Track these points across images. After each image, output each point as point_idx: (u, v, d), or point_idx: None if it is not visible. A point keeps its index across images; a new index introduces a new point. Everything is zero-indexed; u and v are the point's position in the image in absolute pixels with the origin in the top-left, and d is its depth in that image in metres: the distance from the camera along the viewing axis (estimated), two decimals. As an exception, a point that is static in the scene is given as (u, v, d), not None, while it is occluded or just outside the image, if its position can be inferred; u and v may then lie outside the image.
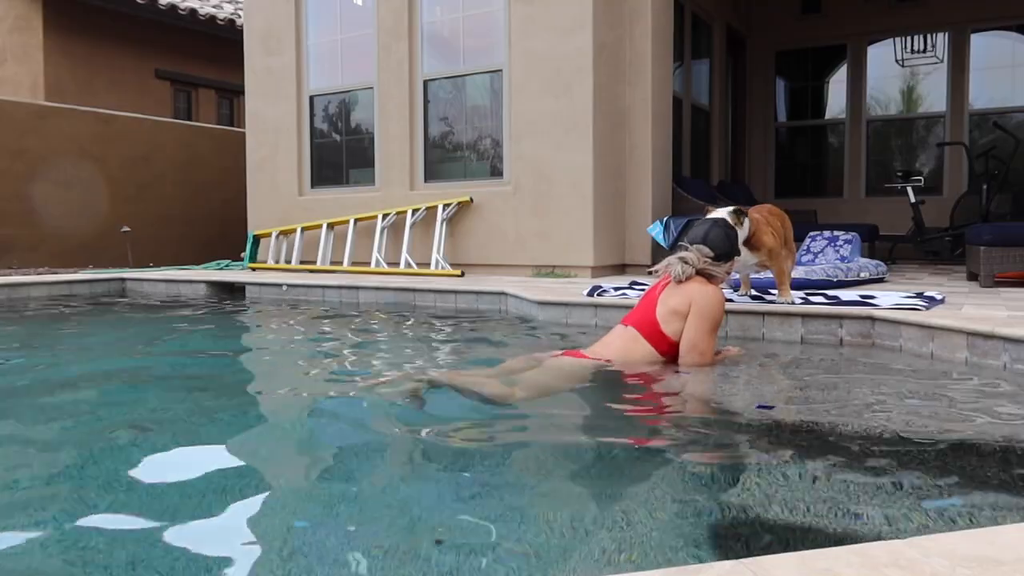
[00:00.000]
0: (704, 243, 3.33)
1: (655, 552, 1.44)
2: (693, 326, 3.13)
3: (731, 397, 2.75)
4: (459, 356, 3.89)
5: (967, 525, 1.54)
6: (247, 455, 2.22)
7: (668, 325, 3.15)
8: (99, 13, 11.59)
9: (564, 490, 1.86)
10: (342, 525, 1.63)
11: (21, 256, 8.62)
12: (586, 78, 6.68)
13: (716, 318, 3.18)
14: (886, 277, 6.05)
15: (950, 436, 2.21)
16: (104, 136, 9.57)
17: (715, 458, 2.10)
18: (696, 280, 3.25)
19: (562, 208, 6.82)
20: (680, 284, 3.23)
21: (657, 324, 3.16)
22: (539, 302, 4.73)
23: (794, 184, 10.80)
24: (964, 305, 4.10)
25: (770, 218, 4.12)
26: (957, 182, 9.62)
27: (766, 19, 10.61)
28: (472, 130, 7.65)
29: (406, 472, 2.03)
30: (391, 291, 5.87)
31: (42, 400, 2.87)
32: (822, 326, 3.85)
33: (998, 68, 9.62)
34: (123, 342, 4.44)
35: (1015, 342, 3.02)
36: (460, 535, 1.54)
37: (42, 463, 2.07)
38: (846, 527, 1.53)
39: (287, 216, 8.40)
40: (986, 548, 1.12)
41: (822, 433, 2.25)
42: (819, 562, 1.08)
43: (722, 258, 3.34)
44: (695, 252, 3.30)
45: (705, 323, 3.13)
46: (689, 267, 3.24)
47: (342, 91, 8.33)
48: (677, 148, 7.95)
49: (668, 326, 3.15)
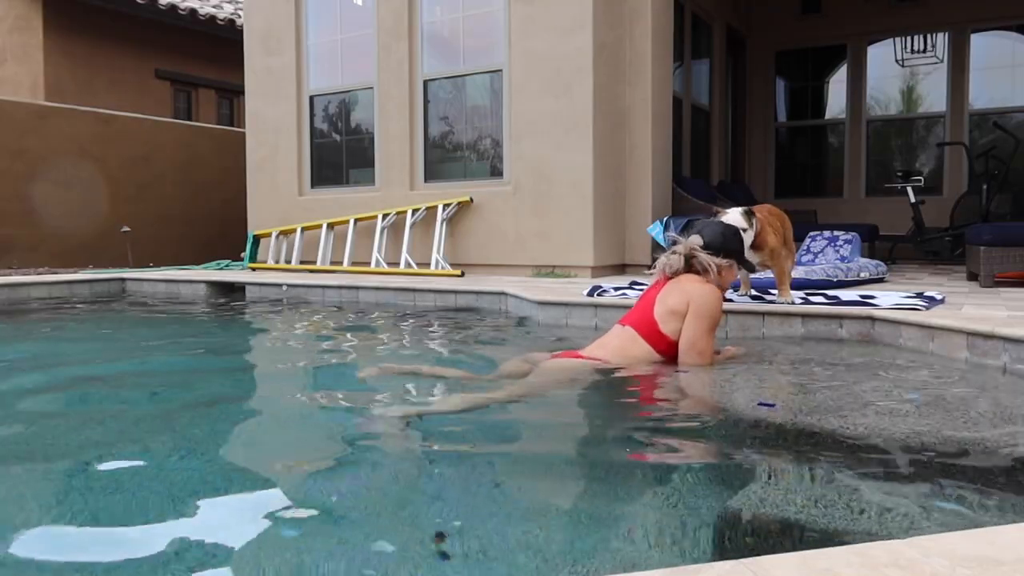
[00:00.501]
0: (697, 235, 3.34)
1: (655, 552, 1.44)
2: (692, 325, 3.12)
3: (732, 396, 2.75)
4: (458, 356, 3.89)
5: (967, 525, 1.54)
6: (245, 456, 2.22)
7: (666, 324, 3.14)
8: (99, 13, 11.59)
9: (564, 491, 1.86)
10: (341, 526, 1.63)
11: (21, 256, 8.62)
12: (586, 78, 6.68)
13: (715, 317, 3.17)
14: (886, 277, 6.05)
15: (950, 436, 2.21)
16: (104, 136, 9.57)
17: (715, 457, 2.10)
18: (693, 279, 3.23)
19: (562, 208, 6.82)
20: (677, 282, 3.21)
21: (655, 323, 3.15)
22: (539, 302, 4.73)
23: (794, 184, 10.80)
24: (964, 305, 4.10)
25: (770, 218, 4.12)
26: (957, 182, 9.62)
27: (766, 19, 10.61)
28: (472, 130, 7.65)
29: (405, 476, 2.03)
30: (391, 291, 5.87)
31: (25, 401, 2.87)
32: (822, 326, 3.85)
33: (998, 68, 9.62)
34: (123, 342, 4.44)
35: (1015, 342, 3.02)
36: (461, 536, 1.54)
37: (24, 467, 2.07)
38: (846, 527, 1.53)
39: (287, 216, 8.40)
40: (986, 548, 1.12)
41: (822, 432, 2.25)
42: (819, 562, 1.08)
43: (712, 249, 3.30)
44: (684, 244, 3.28)
45: (704, 322, 3.13)
46: (677, 256, 3.22)
47: (342, 91, 8.33)
48: (677, 148, 7.95)
49: (666, 325, 3.14)
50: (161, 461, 2.07)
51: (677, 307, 3.14)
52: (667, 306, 3.15)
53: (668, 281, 3.25)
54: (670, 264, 3.22)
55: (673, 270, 3.22)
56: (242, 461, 2.15)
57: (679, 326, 3.13)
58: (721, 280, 3.32)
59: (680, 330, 3.13)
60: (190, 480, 1.91)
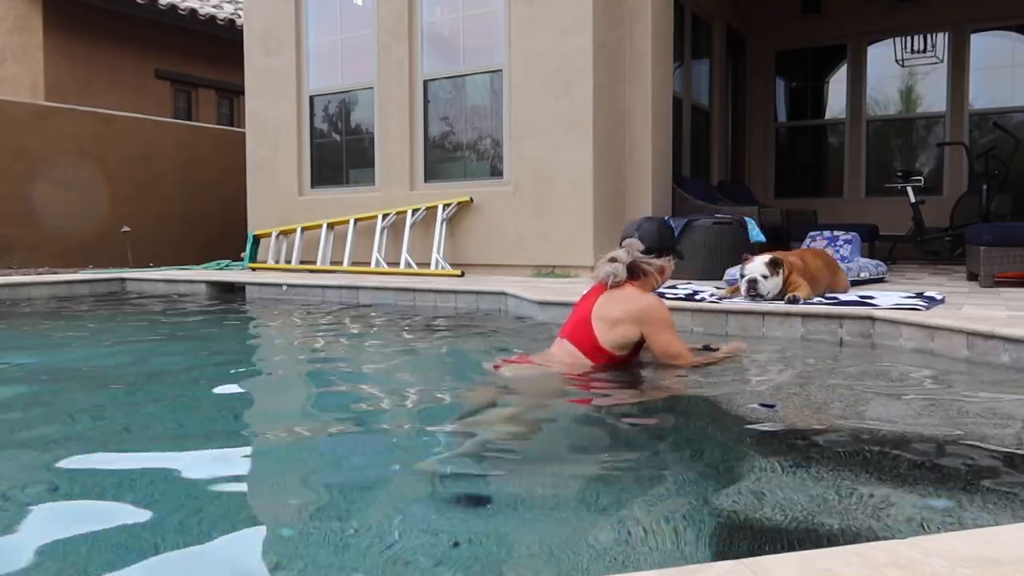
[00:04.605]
0: (636, 236, 3.23)
1: (655, 552, 1.44)
2: (656, 338, 3.08)
3: (732, 397, 2.75)
4: (458, 356, 3.89)
5: (967, 525, 1.54)
6: (242, 457, 2.22)
7: (606, 338, 3.05)
8: (99, 13, 11.58)
9: (564, 491, 1.86)
10: (340, 527, 1.63)
11: (21, 256, 8.62)
12: (586, 78, 6.68)
13: (669, 320, 3.14)
14: (886, 277, 6.05)
15: (950, 436, 2.21)
16: (104, 136, 9.57)
17: (715, 458, 2.10)
18: (630, 292, 3.11)
19: (562, 208, 6.82)
20: (613, 296, 3.09)
21: (595, 338, 3.06)
22: (539, 302, 4.73)
23: (794, 184, 10.80)
24: (964, 305, 4.10)
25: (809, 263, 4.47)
26: (957, 182, 9.62)
27: (766, 19, 10.61)
28: (472, 130, 7.65)
29: (404, 481, 2.03)
30: (391, 291, 5.87)
31: (24, 403, 2.87)
32: (822, 326, 3.85)
33: (998, 68, 9.62)
34: (122, 342, 4.44)
35: (1015, 342, 3.03)
36: (462, 536, 1.54)
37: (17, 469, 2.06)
38: (846, 527, 1.53)
39: (287, 216, 8.40)
40: (986, 548, 1.12)
41: (823, 432, 2.25)
42: (819, 562, 1.08)
43: (653, 250, 3.19)
44: (625, 249, 3.17)
45: (664, 330, 3.09)
46: (619, 264, 3.10)
47: (342, 91, 8.33)
48: (677, 148, 7.95)
49: (606, 340, 3.05)
50: (156, 463, 2.06)
51: (620, 325, 3.05)
52: (607, 322, 3.05)
53: (604, 291, 3.13)
54: (615, 274, 3.09)
55: (617, 280, 3.10)
56: (237, 463, 2.15)
57: (622, 342, 3.06)
58: (660, 280, 3.25)
59: (622, 344, 3.06)
60: (182, 483, 1.91)
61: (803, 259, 4.50)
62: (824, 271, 4.63)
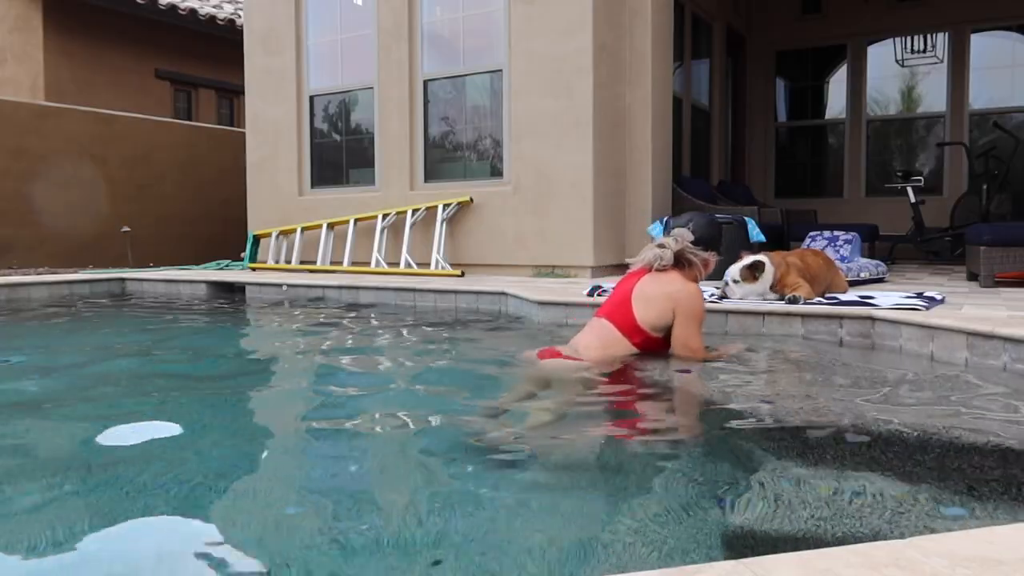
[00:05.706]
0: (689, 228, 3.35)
1: (655, 552, 1.44)
2: (683, 326, 3.14)
3: (732, 396, 2.75)
4: (457, 356, 3.89)
5: (967, 525, 1.54)
6: (241, 458, 2.22)
7: (645, 319, 3.13)
8: (99, 13, 11.58)
9: (563, 493, 1.86)
10: (340, 528, 1.63)
11: (21, 256, 8.62)
12: (586, 78, 6.68)
13: (702, 315, 3.25)
14: (886, 277, 6.05)
15: (950, 436, 2.21)
16: (104, 136, 9.57)
17: (714, 457, 2.10)
18: (675, 277, 3.21)
19: (562, 208, 6.82)
20: (658, 278, 3.19)
21: (633, 318, 3.14)
22: (539, 302, 4.73)
23: (794, 184, 10.80)
24: (964, 305, 4.10)
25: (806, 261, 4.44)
26: (957, 182, 9.62)
27: (766, 19, 10.61)
28: (472, 130, 7.65)
29: (404, 480, 2.03)
30: (391, 291, 5.87)
31: (27, 406, 2.87)
32: (822, 326, 3.85)
33: (998, 68, 9.62)
34: (122, 342, 4.44)
35: (1015, 342, 3.02)
36: (463, 538, 1.54)
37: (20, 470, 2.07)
38: (846, 527, 1.53)
39: (287, 216, 8.39)
40: (986, 548, 1.12)
41: (823, 432, 2.25)
42: (819, 562, 1.08)
43: (702, 243, 3.30)
44: (673, 238, 3.27)
45: (694, 323, 3.18)
46: (667, 251, 3.21)
47: (342, 91, 8.33)
48: (677, 148, 7.95)
49: (645, 320, 3.13)
50: (156, 464, 2.07)
51: (658, 304, 3.13)
52: (647, 301, 3.14)
53: (646, 273, 3.23)
54: (661, 258, 3.20)
55: (663, 264, 3.20)
56: (235, 464, 2.15)
57: (658, 322, 3.14)
58: (704, 273, 3.36)
59: (658, 326, 3.14)
60: (180, 484, 1.91)
61: (803, 259, 4.50)
62: (824, 271, 4.63)
